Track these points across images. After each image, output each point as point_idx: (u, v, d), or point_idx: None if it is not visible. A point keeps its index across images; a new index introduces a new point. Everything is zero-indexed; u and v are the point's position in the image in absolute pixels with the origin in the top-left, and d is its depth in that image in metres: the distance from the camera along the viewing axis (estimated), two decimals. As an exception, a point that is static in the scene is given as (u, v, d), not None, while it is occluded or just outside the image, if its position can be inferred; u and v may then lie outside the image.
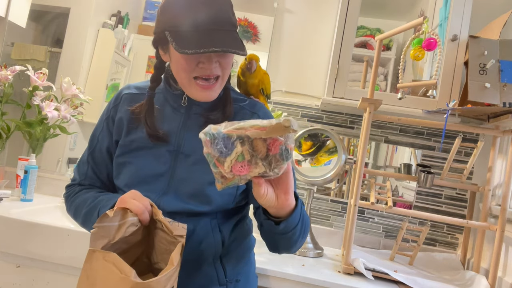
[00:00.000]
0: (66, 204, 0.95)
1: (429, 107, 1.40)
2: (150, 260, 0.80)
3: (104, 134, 0.94)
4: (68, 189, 0.97)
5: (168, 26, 0.80)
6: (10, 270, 1.23)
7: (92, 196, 0.88)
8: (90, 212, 0.85)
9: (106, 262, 0.65)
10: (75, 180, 0.97)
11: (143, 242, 0.78)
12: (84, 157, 0.96)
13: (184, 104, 0.90)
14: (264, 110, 0.96)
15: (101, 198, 0.86)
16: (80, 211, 0.88)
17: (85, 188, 0.94)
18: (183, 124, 0.89)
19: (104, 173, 0.94)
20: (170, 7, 0.81)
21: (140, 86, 0.95)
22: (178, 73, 0.85)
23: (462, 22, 1.41)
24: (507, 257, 1.27)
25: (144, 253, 0.80)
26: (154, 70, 0.91)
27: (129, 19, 1.87)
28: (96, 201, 0.86)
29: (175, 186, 0.86)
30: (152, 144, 0.88)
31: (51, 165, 1.75)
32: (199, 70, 0.82)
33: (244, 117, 0.92)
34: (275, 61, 1.71)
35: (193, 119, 0.90)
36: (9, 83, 1.58)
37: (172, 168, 0.87)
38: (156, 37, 0.86)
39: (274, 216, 0.77)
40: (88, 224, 0.87)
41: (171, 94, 0.92)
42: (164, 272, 0.65)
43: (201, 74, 0.83)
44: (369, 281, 1.18)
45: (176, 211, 0.85)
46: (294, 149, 0.72)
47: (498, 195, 1.40)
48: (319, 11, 1.71)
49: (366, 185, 1.61)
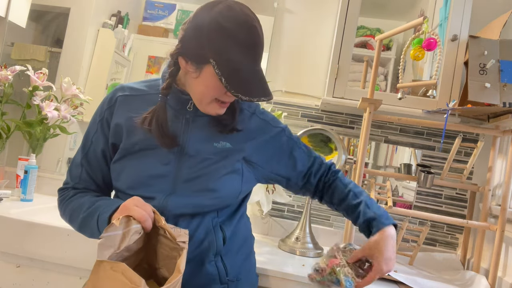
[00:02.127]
0: (60, 208, 0.93)
1: (429, 107, 1.40)
2: (150, 266, 0.80)
3: (99, 136, 0.92)
4: (61, 193, 0.94)
5: (216, 54, 0.77)
6: (10, 270, 1.23)
7: (88, 201, 0.87)
8: (89, 217, 0.83)
9: (115, 272, 0.64)
10: (68, 184, 0.94)
11: (143, 249, 0.77)
12: (77, 160, 0.94)
13: (190, 109, 0.89)
14: (259, 107, 0.99)
15: (100, 204, 0.84)
16: (77, 216, 0.86)
17: (80, 191, 0.92)
18: (186, 125, 0.89)
19: (99, 175, 0.93)
20: (224, 35, 0.76)
21: (134, 87, 0.93)
22: (202, 92, 0.83)
23: (462, 22, 1.42)
24: (507, 257, 1.27)
25: (144, 259, 0.79)
26: (169, 76, 0.87)
27: (129, 19, 1.87)
28: (94, 206, 0.84)
29: (180, 187, 0.86)
30: (154, 145, 0.87)
31: (51, 165, 1.75)
32: (224, 97, 0.83)
33: (245, 118, 0.93)
34: (275, 61, 1.71)
35: (198, 121, 0.89)
36: (9, 83, 1.58)
37: (176, 169, 0.86)
38: (190, 52, 0.81)
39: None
40: (86, 229, 0.86)
41: (175, 97, 0.88)
42: (173, 280, 0.65)
43: (224, 100, 0.84)
44: (369, 281, 1.18)
45: (182, 213, 0.85)
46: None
47: (498, 195, 1.40)
48: (319, 11, 1.70)
49: (366, 185, 1.61)
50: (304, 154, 0.99)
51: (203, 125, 0.89)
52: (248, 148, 0.91)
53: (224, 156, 0.88)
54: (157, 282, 0.78)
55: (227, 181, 0.87)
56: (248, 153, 0.92)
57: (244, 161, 0.91)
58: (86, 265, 1.17)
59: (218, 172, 0.87)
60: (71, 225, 0.90)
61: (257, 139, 0.93)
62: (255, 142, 0.93)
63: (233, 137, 0.90)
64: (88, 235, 0.87)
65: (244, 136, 0.92)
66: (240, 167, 0.90)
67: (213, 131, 0.89)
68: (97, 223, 0.81)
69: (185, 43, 0.82)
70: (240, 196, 0.93)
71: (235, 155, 0.89)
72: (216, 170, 0.87)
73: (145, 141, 0.87)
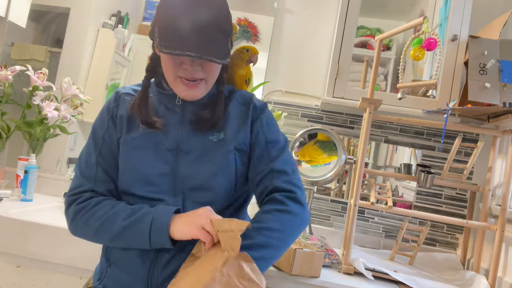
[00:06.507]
0: (80, 218, 0.85)
1: (429, 107, 1.40)
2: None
3: (112, 133, 0.91)
4: (76, 199, 0.87)
5: (159, 21, 0.82)
6: (10, 270, 1.23)
7: (126, 208, 0.83)
8: (136, 223, 0.80)
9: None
10: (80, 187, 0.88)
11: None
12: (90, 160, 0.90)
13: (178, 103, 0.91)
14: (255, 99, 0.98)
15: (149, 210, 0.82)
16: (113, 223, 0.81)
17: (105, 199, 0.87)
18: (180, 122, 0.90)
19: (116, 173, 0.90)
20: (165, 3, 0.82)
21: (135, 89, 0.96)
22: (165, 70, 0.87)
23: (462, 22, 1.42)
24: (507, 257, 1.27)
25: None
26: (149, 61, 0.93)
27: (129, 19, 1.87)
28: (142, 211, 0.82)
29: (180, 185, 0.86)
30: (152, 143, 0.88)
31: (51, 165, 1.75)
32: (182, 71, 0.84)
33: (237, 111, 0.93)
34: (275, 61, 1.71)
35: (188, 117, 0.90)
36: (9, 83, 1.58)
37: (174, 167, 0.87)
38: (150, 30, 0.88)
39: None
40: (127, 237, 0.81)
41: (164, 95, 0.92)
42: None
43: (183, 76, 0.84)
44: (369, 281, 1.18)
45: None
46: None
47: (498, 195, 1.40)
48: (319, 11, 1.70)
49: (366, 185, 1.61)
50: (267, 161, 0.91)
51: (192, 121, 0.90)
52: (239, 136, 0.91)
53: (218, 148, 0.88)
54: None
55: (221, 178, 0.87)
56: (239, 142, 0.91)
57: (236, 150, 0.90)
58: (86, 265, 1.17)
59: (212, 168, 0.87)
60: (101, 234, 0.83)
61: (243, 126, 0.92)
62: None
63: (226, 127, 0.90)
64: (124, 243, 0.83)
65: (237, 126, 0.92)
66: (232, 159, 0.89)
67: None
68: (150, 228, 0.79)
69: (151, 26, 0.88)
70: (237, 191, 0.91)
71: (228, 145, 0.89)
72: (211, 167, 0.87)
73: (143, 138, 0.88)
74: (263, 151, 0.90)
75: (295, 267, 1.11)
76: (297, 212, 0.84)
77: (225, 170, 0.87)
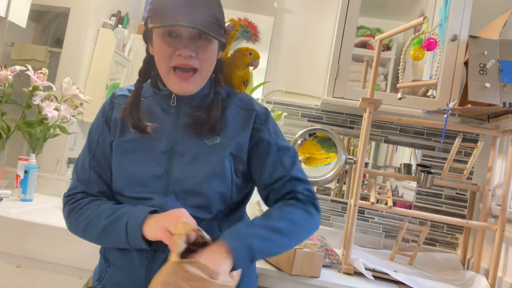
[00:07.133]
0: (72, 216, 0.88)
1: (429, 107, 1.40)
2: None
3: (105, 136, 0.92)
4: (70, 199, 0.90)
5: (151, 8, 0.83)
6: (10, 270, 1.23)
7: (109, 208, 0.85)
8: (114, 222, 0.82)
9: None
10: (75, 189, 0.91)
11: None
12: (84, 163, 0.92)
13: (173, 104, 0.90)
14: (256, 104, 0.96)
15: (126, 210, 0.83)
16: (96, 223, 0.83)
17: (95, 199, 0.89)
18: (174, 124, 0.89)
19: (109, 175, 0.91)
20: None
21: (132, 89, 0.95)
22: (159, 64, 0.86)
23: (462, 22, 1.42)
24: (507, 257, 1.27)
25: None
26: (143, 64, 0.93)
27: (129, 19, 1.87)
28: (120, 212, 0.83)
29: (173, 187, 0.85)
30: (145, 145, 0.87)
31: (51, 165, 1.75)
32: (176, 58, 0.82)
33: (236, 114, 0.91)
34: (275, 61, 1.71)
35: (183, 119, 0.89)
36: (9, 83, 1.58)
37: (168, 169, 0.86)
38: (144, 31, 0.89)
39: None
40: (108, 236, 0.83)
41: (160, 95, 0.92)
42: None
43: (178, 63, 0.83)
44: (369, 281, 1.18)
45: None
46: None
47: (498, 195, 1.40)
48: (319, 11, 1.70)
49: (366, 185, 1.61)
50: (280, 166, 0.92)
51: (187, 123, 0.89)
52: (236, 143, 0.89)
53: (214, 152, 0.86)
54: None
55: (215, 183, 0.86)
56: (236, 148, 0.89)
57: (232, 156, 0.88)
58: (86, 265, 1.17)
59: (205, 172, 0.85)
60: (87, 233, 0.86)
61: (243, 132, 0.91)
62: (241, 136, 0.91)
63: (223, 132, 0.89)
64: (108, 243, 0.86)
65: (235, 131, 0.90)
66: (228, 165, 0.87)
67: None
68: (126, 229, 0.79)
69: (144, 27, 0.89)
70: (236, 192, 0.90)
71: (224, 150, 0.87)
72: (206, 170, 0.85)
73: (136, 141, 0.88)
74: (276, 159, 0.91)
75: (295, 267, 1.11)
76: (315, 216, 0.91)
77: (221, 175, 0.86)
